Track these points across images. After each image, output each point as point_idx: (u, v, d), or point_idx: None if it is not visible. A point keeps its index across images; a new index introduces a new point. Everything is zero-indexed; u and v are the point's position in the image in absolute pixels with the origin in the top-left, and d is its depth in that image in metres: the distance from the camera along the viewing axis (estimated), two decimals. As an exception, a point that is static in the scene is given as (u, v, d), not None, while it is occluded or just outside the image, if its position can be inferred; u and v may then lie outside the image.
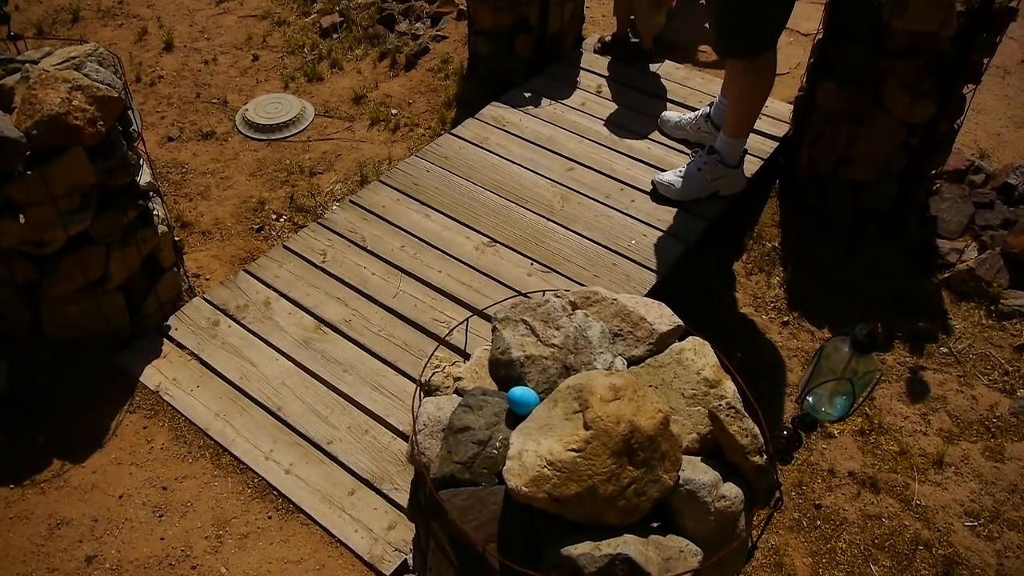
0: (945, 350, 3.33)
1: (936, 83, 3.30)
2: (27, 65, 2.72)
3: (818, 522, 2.80)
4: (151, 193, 3.05)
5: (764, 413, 1.64)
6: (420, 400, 1.77)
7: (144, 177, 2.97)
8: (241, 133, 4.35)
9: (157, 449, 2.81)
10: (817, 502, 2.84)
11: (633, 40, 4.48)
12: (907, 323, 3.40)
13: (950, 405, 3.14)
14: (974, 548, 2.72)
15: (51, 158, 2.55)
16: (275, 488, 2.68)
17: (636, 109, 4.18)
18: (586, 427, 1.46)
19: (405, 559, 2.48)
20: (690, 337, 1.78)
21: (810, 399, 1.56)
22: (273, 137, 4.32)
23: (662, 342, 1.78)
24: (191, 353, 3.06)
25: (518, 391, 1.61)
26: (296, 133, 4.35)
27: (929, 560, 2.70)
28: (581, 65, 4.48)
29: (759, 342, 3.34)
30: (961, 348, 3.33)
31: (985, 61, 3.36)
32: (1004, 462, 2.96)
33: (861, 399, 1.49)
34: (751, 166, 3.76)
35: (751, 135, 3.69)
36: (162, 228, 3.07)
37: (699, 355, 1.72)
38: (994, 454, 2.98)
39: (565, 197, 3.64)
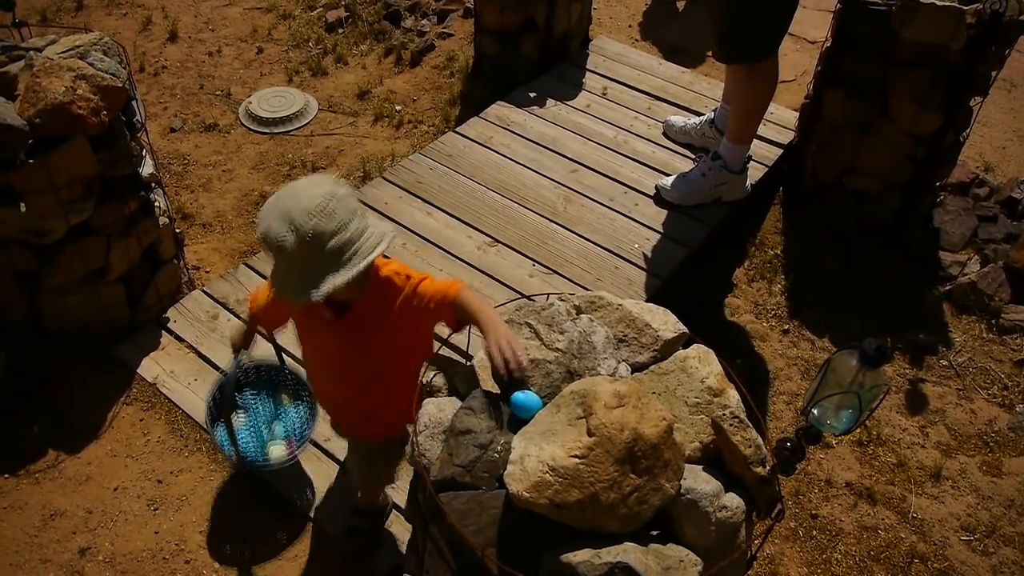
0: (945, 363, 3.32)
1: (943, 95, 3.30)
2: (31, 53, 2.70)
3: (814, 532, 2.79)
4: (153, 184, 3.03)
5: (763, 421, 1.63)
6: (422, 401, 1.75)
7: (146, 168, 2.96)
8: (244, 126, 4.34)
9: (153, 442, 2.79)
10: (814, 512, 2.84)
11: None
12: (907, 335, 3.40)
13: (949, 418, 3.13)
14: (970, 563, 2.72)
15: (54, 147, 2.54)
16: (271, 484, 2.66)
17: (641, 112, 4.17)
18: (589, 433, 1.44)
19: (400, 560, 2.46)
20: (695, 345, 1.76)
21: (815, 411, 1.54)
22: (276, 130, 4.30)
23: (666, 349, 1.77)
24: (190, 346, 3.05)
25: (521, 395, 1.60)
26: (299, 127, 4.34)
27: (925, 574, 2.69)
28: (587, 66, 4.47)
29: (759, 349, 3.34)
30: (961, 361, 3.33)
31: (993, 74, 3.36)
32: (1002, 477, 2.96)
33: (867, 413, 1.48)
34: (755, 173, 3.75)
35: (756, 141, 3.68)
36: (163, 220, 3.05)
37: (703, 363, 1.71)
38: (992, 469, 2.98)
39: (568, 199, 3.63)
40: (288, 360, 2.55)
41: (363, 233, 1.70)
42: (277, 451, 2.45)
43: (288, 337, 2.31)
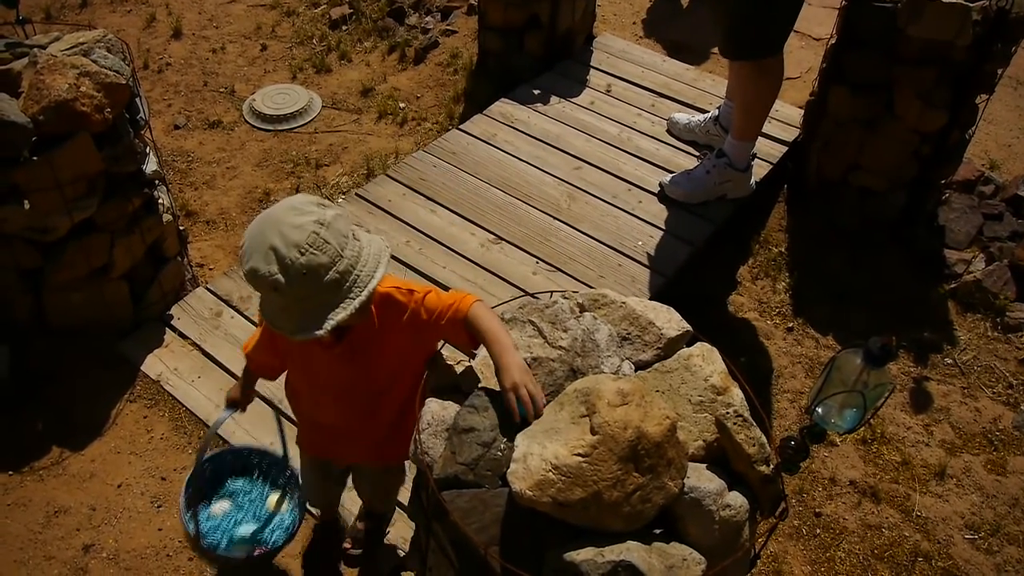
0: (950, 361, 3.31)
1: (949, 92, 3.29)
2: (35, 50, 2.70)
3: (818, 530, 2.78)
4: (156, 181, 3.03)
5: (767, 419, 1.63)
6: (424, 399, 1.75)
7: (150, 165, 2.96)
8: (248, 123, 4.34)
9: (157, 439, 2.80)
10: (817, 510, 2.83)
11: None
12: (912, 333, 3.39)
13: (953, 417, 3.12)
14: (974, 561, 2.71)
15: (57, 144, 2.54)
16: (274, 481, 2.66)
17: (645, 109, 4.16)
18: (593, 432, 1.44)
19: (402, 557, 2.46)
20: (698, 343, 1.76)
21: (819, 410, 1.54)
22: (280, 128, 4.30)
23: (670, 347, 1.76)
24: (193, 343, 3.05)
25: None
26: (303, 124, 4.34)
27: (928, 572, 2.69)
28: (591, 63, 4.46)
29: (763, 347, 3.33)
30: (966, 360, 3.31)
31: (999, 71, 3.34)
32: (1006, 475, 2.95)
33: (872, 412, 1.48)
34: (760, 170, 3.74)
35: (760, 139, 3.67)
36: (167, 217, 3.05)
37: (707, 361, 1.70)
38: (996, 467, 2.97)
39: (572, 196, 3.62)
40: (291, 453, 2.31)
41: (359, 257, 1.57)
42: (240, 549, 2.18)
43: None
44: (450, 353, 1.91)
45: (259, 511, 2.26)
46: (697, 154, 3.85)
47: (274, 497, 2.28)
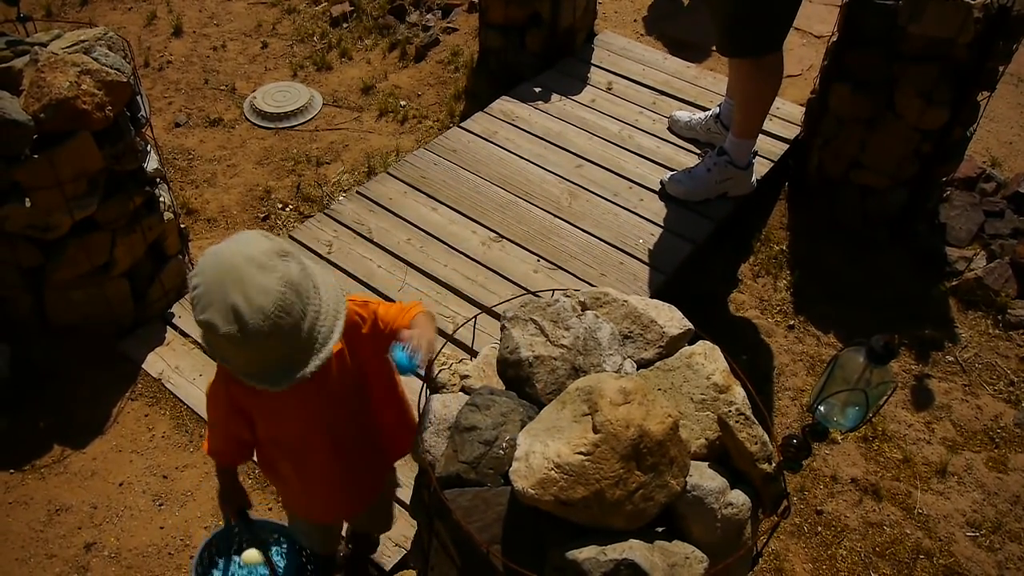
0: (951, 358, 3.31)
1: (950, 89, 3.28)
2: (36, 48, 2.70)
3: (819, 528, 2.78)
4: (157, 179, 3.03)
5: (768, 418, 1.63)
6: (426, 397, 1.75)
7: (151, 163, 2.96)
8: (249, 121, 4.33)
9: (158, 437, 2.80)
10: (819, 508, 2.83)
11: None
12: (913, 330, 3.39)
13: (955, 414, 3.12)
14: (975, 559, 2.71)
15: (58, 142, 2.54)
16: (276, 479, 2.67)
17: (646, 107, 4.15)
18: (595, 430, 1.44)
19: (404, 555, 2.46)
20: (700, 341, 1.76)
21: (822, 408, 1.53)
22: (281, 126, 4.30)
23: (672, 345, 1.76)
24: (194, 341, 3.05)
25: (403, 357, 1.61)
26: (304, 122, 4.33)
27: (930, 570, 2.69)
28: (592, 61, 4.45)
29: (764, 345, 3.33)
30: (967, 357, 3.31)
31: (1000, 68, 3.33)
32: (1008, 473, 2.95)
33: (874, 411, 1.48)
34: (761, 168, 3.74)
35: (761, 136, 3.67)
36: (168, 215, 3.05)
37: (709, 360, 1.70)
38: (998, 464, 2.97)
39: (573, 194, 3.62)
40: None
41: (321, 303, 1.57)
42: None
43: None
44: (452, 352, 1.91)
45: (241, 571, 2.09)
46: (698, 152, 3.85)
47: (245, 551, 2.09)
